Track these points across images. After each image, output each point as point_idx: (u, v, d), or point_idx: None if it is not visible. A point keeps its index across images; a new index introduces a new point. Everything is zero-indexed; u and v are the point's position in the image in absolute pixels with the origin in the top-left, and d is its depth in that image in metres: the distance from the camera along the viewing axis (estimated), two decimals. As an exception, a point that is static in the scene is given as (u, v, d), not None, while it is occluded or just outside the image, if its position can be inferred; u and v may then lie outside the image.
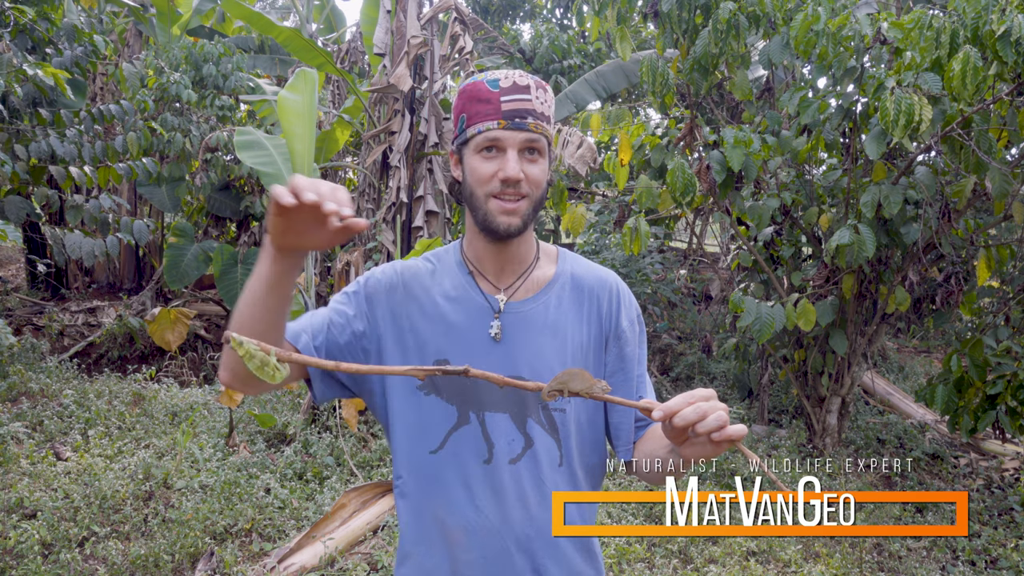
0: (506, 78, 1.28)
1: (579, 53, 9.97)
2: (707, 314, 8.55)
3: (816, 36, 4.08)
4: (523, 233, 1.31)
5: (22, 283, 9.12)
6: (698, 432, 1.05)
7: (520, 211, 1.28)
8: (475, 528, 1.30)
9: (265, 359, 0.99)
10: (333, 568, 3.42)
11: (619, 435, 1.39)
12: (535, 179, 1.28)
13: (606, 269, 1.45)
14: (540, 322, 1.34)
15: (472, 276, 1.37)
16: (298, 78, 5.13)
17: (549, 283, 1.38)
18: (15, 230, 9.11)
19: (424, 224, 5.64)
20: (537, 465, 1.31)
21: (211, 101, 7.94)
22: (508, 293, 1.35)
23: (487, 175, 1.27)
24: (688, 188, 4.27)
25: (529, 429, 1.31)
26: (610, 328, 1.39)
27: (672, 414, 1.06)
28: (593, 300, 1.38)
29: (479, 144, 1.27)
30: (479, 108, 1.27)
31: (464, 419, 1.31)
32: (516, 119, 1.26)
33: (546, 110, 1.30)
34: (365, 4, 7.38)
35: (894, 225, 4.42)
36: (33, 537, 3.32)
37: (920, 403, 6.15)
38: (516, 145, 1.26)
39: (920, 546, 4.01)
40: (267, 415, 4.77)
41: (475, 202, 1.29)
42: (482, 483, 1.30)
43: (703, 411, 1.04)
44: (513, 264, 1.36)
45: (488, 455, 1.30)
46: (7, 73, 5.08)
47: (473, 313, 1.33)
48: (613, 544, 3.66)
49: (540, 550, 1.32)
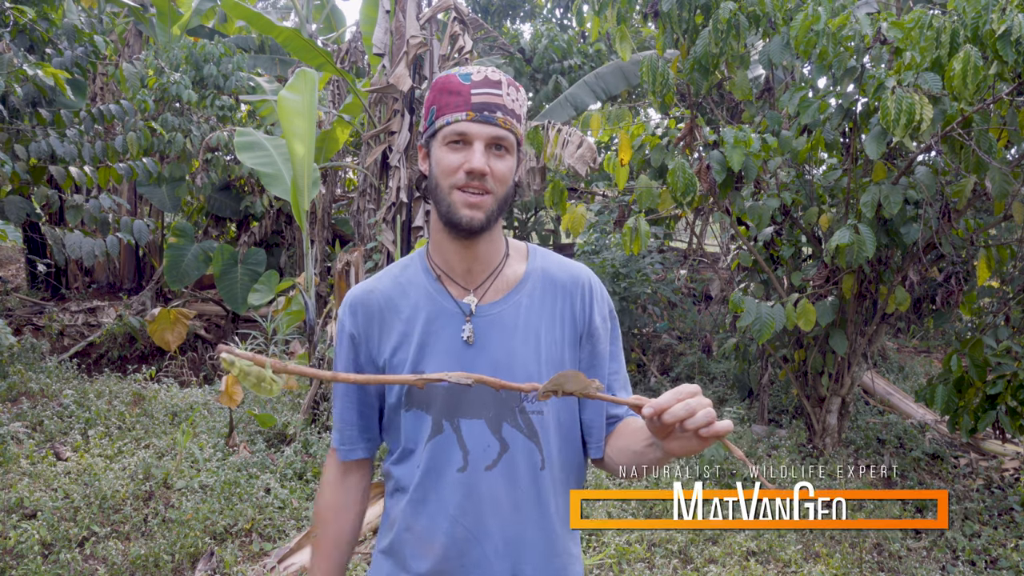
0: (478, 72, 1.28)
1: (579, 53, 9.97)
2: (707, 314, 8.56)
3: (816, 36, 4.08)
4: (487, 230, 1.29)
5: (22, 283, 9.12)
6: (686, 428, 1.06)
7: (484, 206, 1.26)
8: (452, 537, 1.29)
9: (261, 374, 0.98)
10: (333, 568, 3.42)
11: (591, 432, 1.39)
12: (500, 175, 1.27)
13: (578, 264, 1.43)
14: (512, 323, 1.32)
15: (440, 281, 1.35)
16: (298, 78, 5.13)
17: (520, 282, 1.36)
18: (15, 230, 9.12)
19: (424, 224, 5.64)
20: (514, 470, 1.30)
21: (211, 101, 7.94)
22: (479, 294, 1.33)
23: (453, 167, 1.26)
24: (689, 188, 4.27)
25: (505, 434, 1.30)
26: (584, 326, 1.37)
27: (662, 411, 1.06)
28: (566, 298, 1.37)
29: (446, 136, 1.26)
30: (449, 100, 1.27)
31: (438, 428, 1.30)
32: (485, 112, 1.25)
33: (517, 108, 1.29)
34: (364, 4, 7.38)
35: (894, 225, 4.42)
36: (33, 537, 3.32)
37: (920, 403, 6.15)
38: (483, 138, 1.25)
39: (920, 546, 4.01)
40: (267, 415, 4.77)
41: (439, 194, 1.28)
42: (458, 491, 1.29)
43: (692, 408, 1.05)
44: (481, 264, 1.34)
45: (464, 463, 1.29)
46: (7, 73, 5.08)
47: (444, 319, 1.32)
48: (613, 544, 3.66)
49: (519, 555, 1.31)
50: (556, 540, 1.34)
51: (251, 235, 8.49)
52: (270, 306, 7.08)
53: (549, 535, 1.33)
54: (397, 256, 5.73)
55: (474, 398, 1.28)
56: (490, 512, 1.29)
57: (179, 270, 7.70)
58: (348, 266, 5.20)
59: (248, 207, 8.40)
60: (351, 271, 5.16)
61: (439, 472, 1.30)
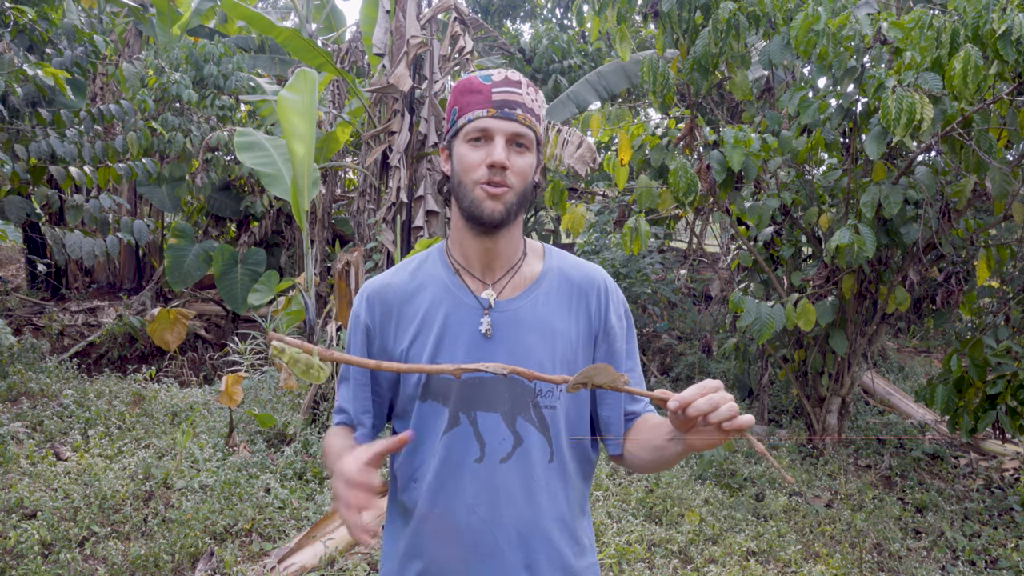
0: (498, 73, 1.32)
1: (579, 53, 9.97)
2: (707, 314, 8.55)
3: (816, 36, 4.08)
4: (507, 224, 1.32)
5: (22, 283, 9.12)
6: (710, 421, 1.10)
7: (504, 199, 1.29)
8: (467, 526, 1.32)
9: (309, 360, 1.00)
10: (333, 568, 3.42)
11: (609, 429, 1.42)
12: (520, 170, 1.30)
13: (593, 265, 1.46)
14: (529, 320, 1.35)
15: (458, 275, 1.38)
16: (298, 78, 5.13)
17: (537, 280, 1.39)
18: (15, 230, 9.12)
19: (424, 224, 5.64)
20: (528, 462, 1.33)
21: (211, 101, 7.94)
22: (497, 290, 1.36)
23: (475, 163, 1.29)
24: (690, 188, 4.27)
25: (519, 427, 1.33)
26: (599, 325, 1.40)
27: (686, 404, 1.10)
28: (582, 297, 1.40)
29: (468, 133, 1.30)
30: (470, 99, 1.30)
31: (455, 420, 1.32)
32: (506, 108, 1.28)
33: (536, 108, 1.33)
34: (365, 4, 7.38)
35: (894, 225, 4.42)
36: (33, 537, 3.31)
37: (920, 403, 6.15)
38: (504, 134, 1.28)
39: (920, 546, 4.01)
40: (267, 415, 4.77)
41: (462, 191, 1.31)
42: (475, 482, 1.32)
43: (715, 402, 1.09)
44: (500, 260, 1.37)
45: (480, 454, 1.32)
46: (7, 73, 5.08)
47: (462, 313, 1.34)
48: (613, 544, 3.66)
49: (532, 546, 1.34)
50: (567, 531, 1.38)
51: (251, 235, 8.49)
52: (270, 306, 7.08)
53: (560, 526, 1.37)
54: (397, 256, 5.73)
55: (490, 392, 1.31)
56: (504, 503, 1.32)
57: (181, 270, 7.70)
58: (348, 266, 5.19)
59: (248, 207, 8.40)
60: (351, 271, 5.16)
61: (456, 463, 1.32)
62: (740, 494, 4.51)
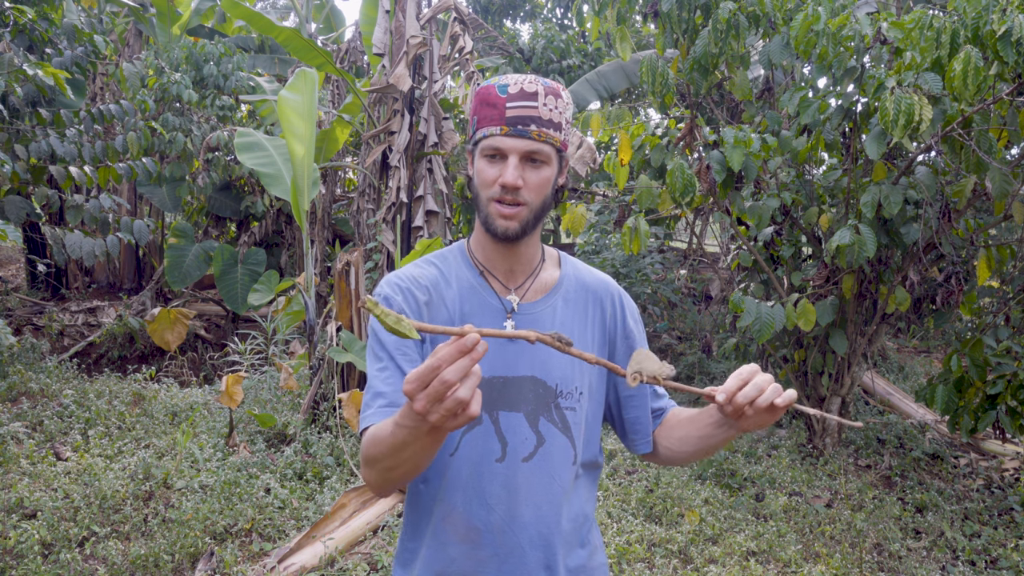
0: (515, 84, 1.30)
1: (578, 53, 9.97)
2: (707, 314, 8.55)
3: (816, 36, 4.08)
4: (524, 237, 1.34)
5: (22, 283, 9.13)
6: (759, 405, 1.15)
7: (518, 217, 1.30)
8: (488, 526, 1.32)
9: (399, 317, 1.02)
10: (333, 568, 3.42)
11: (637, 429, 1.45)
12: (535, 186, 1.30)
13: (604, 274, 1.52)
14: (549, 325, 1.37)
15: (483, 276, 1.39)
16: (298, 78, 5.13)
17: (555, 286, 1.42)
18: (15, 230, 9.12)
19: (424, 224, 5.65)
20: (549, 462, 1.34)
21: (211, 101, 7.94)
22: (519, 294, 1.39)
23: (490, 179, 1.30)
24: (688, 188, 4.27)
25: (542, 428, 1.34)
26: (615, 330, 1.45)
27: (733, 395, 1.16)
28: (597, 304, 1.44)
29: (483, 149, 1.31)
30: (486, 112, 1.31)
31: (477, 419, 1.32)
32: (519, 126, 1.28)
33: (555, 117, 1.30)
34: (364, 4, 7.38)
35: (894, 225, 4.42)
36: (33, 537, 3.31)
37: (920, 403, 6.15)
38: (517, 152, 1.28)
39: (920, 546, 4.01)
40: (267, 415, 4.77)
41: (479, 203, 1.34)
42: (495, 481, 1.32)
43: (760, 386, 1.15)
44: (522, 265, 1.40)
45: (502, 453, 1.33)
46: (7, 73, 5.08)
47: (487, 314, 1.36)
48: (613, 544, 3.66)
49: (551, 545, 1.34)
50: (583, 531, 1.41)
51: (251, 235, 8.50)
52: (270, 306, 7.08)
53: (577, 526, 1.39)
54: (397, 256, 5.73)
55: (513, 392, 1.33)
56: (525, 502, 1.33)
57: (181, 270, 7.70)
58: (348, 266, 5.19)
59: (248, 207, 8.40)
60: (351, 271, 5.15)
61: (477, 462, 1.33)
62: (740, 494, 4.52)
